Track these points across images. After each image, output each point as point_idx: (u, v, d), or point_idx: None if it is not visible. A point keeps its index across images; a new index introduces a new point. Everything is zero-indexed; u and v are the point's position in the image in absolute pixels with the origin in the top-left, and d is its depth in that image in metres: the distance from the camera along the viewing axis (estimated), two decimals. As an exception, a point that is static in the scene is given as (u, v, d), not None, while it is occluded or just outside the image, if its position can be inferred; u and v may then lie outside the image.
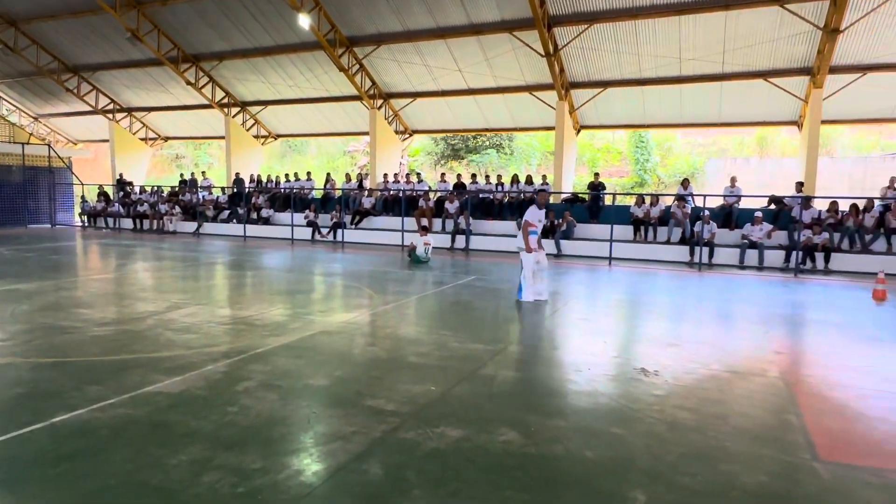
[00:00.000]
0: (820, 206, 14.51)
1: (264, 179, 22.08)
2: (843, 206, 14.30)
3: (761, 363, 5.84)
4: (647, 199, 16.02)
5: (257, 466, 3.43)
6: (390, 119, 21.00)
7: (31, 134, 28.62)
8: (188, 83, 21.02)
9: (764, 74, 15.51)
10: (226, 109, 22.73)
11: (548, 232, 16.00)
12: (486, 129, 22.04)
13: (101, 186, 24.38)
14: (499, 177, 18.08)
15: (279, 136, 25.05)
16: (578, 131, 19.38)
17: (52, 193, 22.93)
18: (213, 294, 9.51)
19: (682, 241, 14.86)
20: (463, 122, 21.16)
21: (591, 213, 16.61)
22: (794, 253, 13.30)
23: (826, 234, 13.67)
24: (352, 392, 4.74)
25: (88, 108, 25.06)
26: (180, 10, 18.47)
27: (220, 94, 22.34)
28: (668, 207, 15.55)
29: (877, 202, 13.98)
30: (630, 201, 17.53)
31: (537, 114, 18.86)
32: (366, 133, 20.95)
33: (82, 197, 24.25)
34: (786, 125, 17.69)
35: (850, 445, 3.93)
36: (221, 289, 10.15)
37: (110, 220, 22.59)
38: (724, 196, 15.43)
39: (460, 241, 16.63)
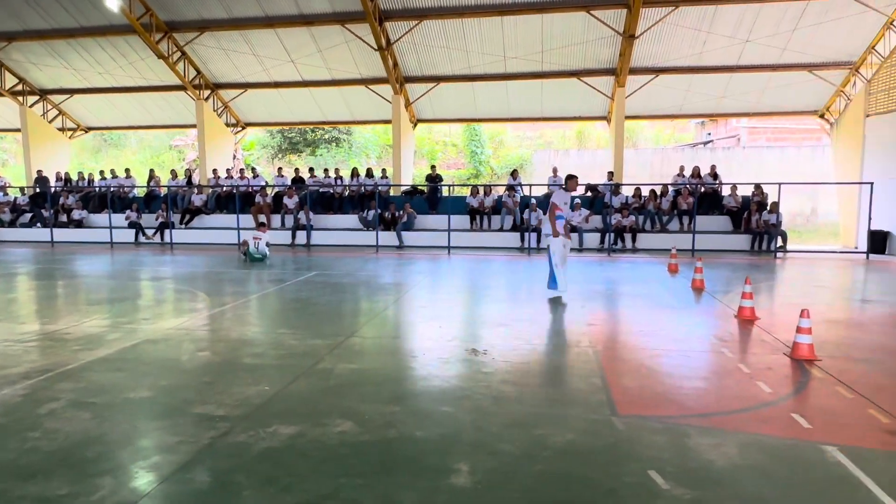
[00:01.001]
0: (627, 192, 16.37)
1: (74, 177, 19.71)
2: (645, 192, 16.28)
3: (576, 335, 6.52)
4: (481, 190, 16.90)
5: (64, 492, 3.14)
6: (220, 111, 19.82)
7: None
8: (-35, 67, 18.07)
9: (577, 74, 17.06)
10: (21, 98, 19.87)
11: (389, 224, 16.27)
12: (324, 123, 21.71)
13: None
14: (337, 170, 17.94)
15: (90, 128, 22.48)
16: (416, 125, 19.84)
17: None
18: (9, 308, 8.36)
19: (514, 228, 15.93)
20: (299, 115, 20.63)
21: (430, 204, 17.13)
22: (607, 235, 14.91)
23: (633, 217, 15.48)
24: (179, 401, 4.49)
25: None
26: (-50, -19, 15.80)
27: (12, 81, 19.47)
28: (500, 197, 16.54)
29: (670, 188, 16.09)
30: (466, 192, 18.37)
31: (374, 107, 18.98)
32: (193, 126, 19.58)
33: None
34: (598, 120, 19.65)
35: (642, 399, 4.55)
36: (21, 302, 8.95)
37: None
38: (549, 185, 16.77)
39: (302, 237, 16.27)
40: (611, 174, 16.62)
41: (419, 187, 17.85)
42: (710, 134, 26.17)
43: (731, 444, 3.69)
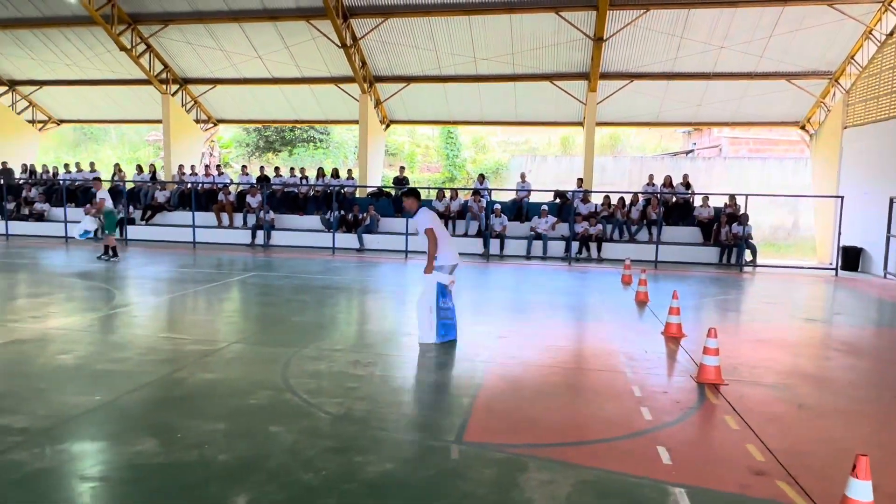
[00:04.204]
0: (598, 200, 15.90)
1: (39, 170, 19.37)
2: (615, 200, 15.80)
3: (477, 349, 6.05)
4: (447, 194, 16.46)
5: None
6: (189, 106, 19.46)
7: None
8: (-70, 55, 17.77)
9: (549, 77, 16.63)
10: (-14, 88, 19.58)
11: (350, 226, 15.84)
12: (296, 121, 21.34)
13: None
14: (302, 170, 17.52)
15: (62, 121, 22.14)
16: (388, 126, 19.43)
17: None
18: None
19: (479, 234, 15.47)
20: (271, 112, 20.26)
21: (396, 207, 16.69)
22: (571, 243, 14.44)
23: (600, 226, 15.00)
24: (-13, 410, 4.05)
25: None
26: (-89, -34, 15.49)
27: (-22, 70, 19.18)
28: (466, 202, 16.10)
29: (640, 196, 15.61)
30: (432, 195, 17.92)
31: (346, 107, 18.58)
32: (161, 121, 19.19)
33: None
34: (573, 125, 19.20)
35: (500, 424, 4.08)
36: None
37: None
38: (516, 190, 16.33)
39: (262, 236, 15.85)
40: (580, 181, 16.16)
41: (385, 189, 17.42)
42: (695, 144, 25.69)
43: (565, 481, 3.23)
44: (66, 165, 19.22)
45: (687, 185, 15.93)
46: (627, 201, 15.72)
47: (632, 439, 3.86)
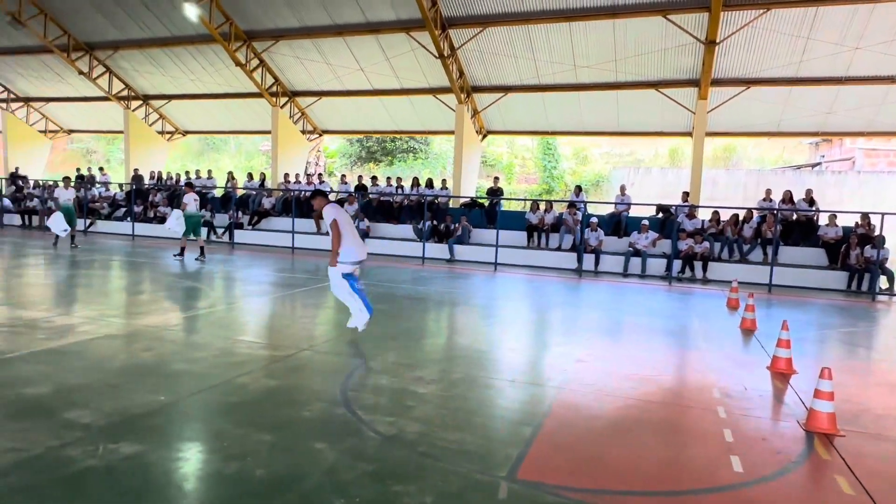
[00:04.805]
0: (706, 216, 14.74)
1: (164, 177, 21.10)
2: (726, 216, 14.56)
3: (553, 371, 5.62)
4: (542, 206, 15.96)
5: None
6: (296, 118, 20.39)
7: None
8: (80, 73, 19.87)
9: (655, 84, 15.70)
10: (125, 102, 21.62)
11: (442, 236, 15.77)
12: (396, 132, 21.73)
13: (-11, 180, 22.80)
14: (398, 179, 17.74)
15: (187, 132, 24.05)
16: (484, 136, 19.26)
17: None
18: (20, 293, 8.74)
19: (573, 248, 14.84)
20: (372, 123, 20.77)
21: (488, 218, 16.43)
22: (674, 262, 13.43)
23: (707, 244, 13.86)
24: (61, 402, 4.23)
25: (-22, 96, 23.47)
26: (67, -5, 17.46)
27: (119, 86, 21.24)
28: (561, 215, 15.51)
29: (755, 213, 14.27)
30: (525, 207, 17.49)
31: (443, 117, 18.63)
32: (271, 132, 20.25)
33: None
34: (680, 136, 18.00)
35: (561, 461, 3.67)
36: (37, 288, 9.36)
37: (-3, 216, 21.11)
38: (615, 204, 15.52)
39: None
40: (686, 195, 15.05)
41: (479, 200, 17.22)
42: (823, 156, 23.23)
43: (625, 539, 2.78)
44: (187, 172, 20.79)
45: (810, 202, 14.35)
46: (740, 217, 14.42)
47: (714, 495, 3.31)
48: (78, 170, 22.61)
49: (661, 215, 15.25)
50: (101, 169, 23.17)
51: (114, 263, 12.54)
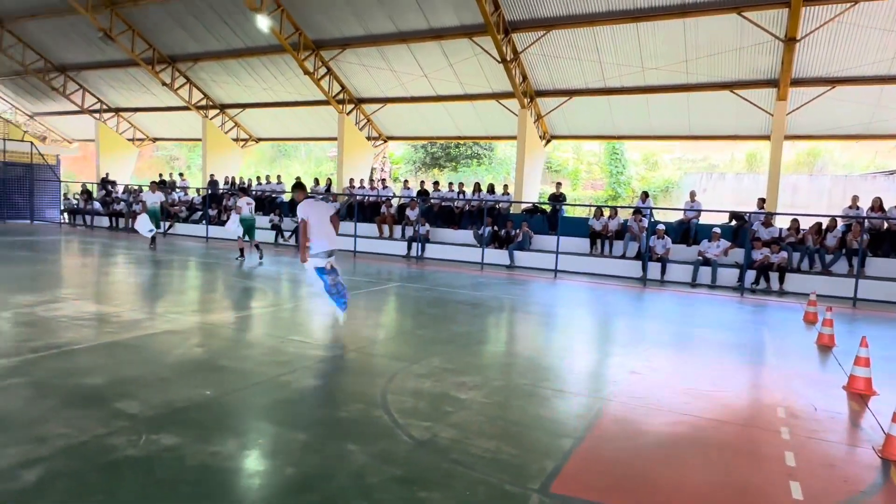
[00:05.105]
0: (784, 224, 13.86)
1: (237, 182, 22.00)
2: (807, 224, 13.64)
3: (601, 382, 5.38)
4: (606, 212, 15.50)
5: None
6: (362, 125, 20.79)
7: (25, 131, 29.10)
8: (164, 84, 21.09)
9: (730, 86, 14.94)
10: (203, 111, 22.76)
11: (502, 242, 15.61)
12: (459, 137, 21.73)
13: (84, 184, 24.58)
14: (460, 185, 17.72)
15: (260, 139, 25.03)
16: (548, 141, 18.95)
17: (32, 189, 23.13)
18: (101, 289, 9.28)
19: (638, 256, 14.31)
20: (435, 129, 20.88)
21: (550, 224, 16.14)
22: (746, 272, 12.69)
23: (784, 253, 13.01)
24: (114, 392, 4.40)
25: (75, 108, 25.33)
26: (153, 11, 18.56)
27: (198, 96, 22.39)
28: (626, 221, 15.01)
29: (839, 221, 13.28)
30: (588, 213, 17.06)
31: (506, 122, 18.48)
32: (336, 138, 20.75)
33: (65, 194, 24.47)
34: (757, 139, 17.00)
35: (598, 477, 3.47)
36: (107, 285, 9.90)
37: (88, 218, 22.71)
38: (684, 210, 14.85)
39: (417, 248, 16.28)
40: (762, 201, 14.19)
41: (540, 205, 16.92)
42: (921, 161, 21.38)
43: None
44: (259, 178, 21.62)
45: (904, 210, 13.21)
46: (823, 226, 13.46)
47: (767, 523, 3.02)
48: (160, 175, 24.04)
49: (734, 223, 14.48)
50: (180, 174, 24.48)
51: (186, 263, 13.14)
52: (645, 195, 15.63)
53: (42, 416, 3.91)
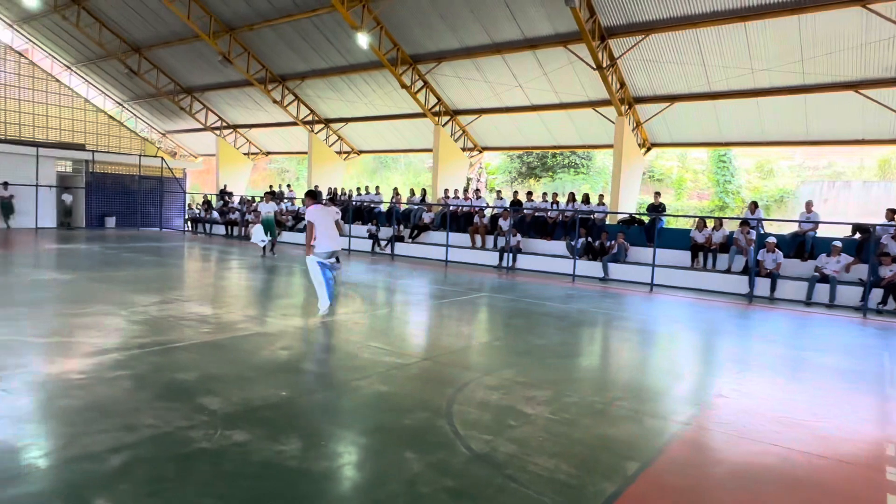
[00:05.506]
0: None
1: (339, 192, 23.02)
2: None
3: (680, 405, 5.05)
4: (710, 223, 14.61)
5: (3, 445, 3.53)
6: (457, 136, 21.06)
7: (158, 148, 32.27)
8: (274, 101, 22.57)
9: (854, 85, 13.62)
10: (309, 126, 24.08)
11: (596, 253, 15.15)
12: (554, 147, 21.40)
13: (205, 195, 26.80)
14: (554, 195, 17.43)
15: (362, 151, 26.07)
16: (648, 149, 18.21)
17: (161, 200, 25.55)
18: (208, 293, 10.01)
19: (745, 271, 13.35)
20: (530, 139, 20.72)
21: (648, 236, 15.45)
22: (871, 290, 11.43)
23: (919, 271, 11.60)
24: (201, 388, 4.74)
25: (200, 125, 27.73)
26: (266, 34, 19.97)
27: (305, 112, 23.73)
28: (732, 233, 14.06)
29: None
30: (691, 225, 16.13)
31: (603, 131, 17.99)
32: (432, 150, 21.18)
33: (189, 204, 26.80)
34: (888, 143, 15.31)
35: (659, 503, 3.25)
36: (218, 288, 10.66)
37: (208, 226, 24.72)
38: (799, 222, 13.67)
39: (509, 259, 16.19)
40: (891, 212, 12.75)
41: (638, 217, 16.24)
42: None
43: None
44: (358, 189, 22.51)
45: None
46: (966, 241, 11.87)
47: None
48: (270, 187, 25.66)
49: (858, 236, 13.11)
50: (288, 186, 26.02)
51: (288, 270, 13.91)
52: (754, 205, 14.55)
53: (136, 406, 4.27)
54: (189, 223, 26.18)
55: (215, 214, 25.01)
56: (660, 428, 4.45)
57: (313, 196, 8.36)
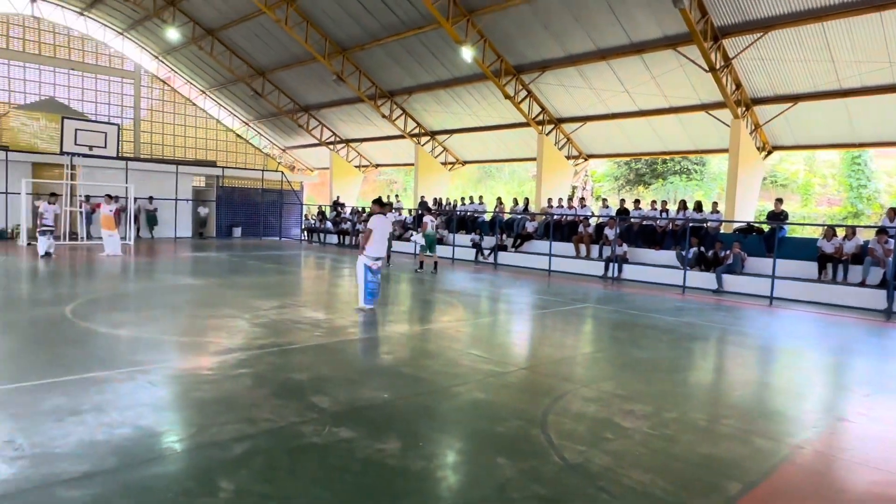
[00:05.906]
0: None
1: (443, 203, 23.57)
2: None
3: (796, 426, 4.74)
4: (841, 232, 13.40)
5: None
6: (561, 144, 20.87)
7: (279, 163, 34.70)
8: (383, 116, 23.59)
9: None
10: (416, 138, 24.88)
11: (710, 264, 14.39)
12: (664, 153, 20.58)
13: (320, 206, 28.46)
14: (664, 203, 16.76)
15: (466, 162, 26.52)
16: (769, 152, 17.03)
17: (281, 211, 27.46)
18: (322, 299, 10.66)
19: (882, 284, 12.11)
20: (638, 145, 20.09)
21: (768, 245, 14.44)
22: None
23: None
24: (310, 387, 5.12)
25: (315, 141, 29.54)
26: (375, 53, 20.98)
27: (411, 125, 24.58)
28: (867, 243, 12.81)
29: None
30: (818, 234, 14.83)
31: (717, 134, 17.09)
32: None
33: (305, 215, 28.59)
34: None
35: (767, 529, 3.11)
36: (332, 295, 11.28)
37: (322, 235, 26.23)
38: (949, 230, 12.18)
39: (615, 269, 15.78)
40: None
41: (757, 225, 15.21)
42: None
43: None
44: (462, 199, 22.92)
45: None
46: None
47: None
48: (380, 197, 26.76)
49: None
50: (396, 196, 27.01)
51: (396, 277, 14.46)
52: (893, 212, 13.17)
53: (256, 402, 4.71)
54: (305, 233, 27.91)
55: (329, 224, 26.48)
56: (769, 449, 4.22)
57: (381, 204, 9.12)
